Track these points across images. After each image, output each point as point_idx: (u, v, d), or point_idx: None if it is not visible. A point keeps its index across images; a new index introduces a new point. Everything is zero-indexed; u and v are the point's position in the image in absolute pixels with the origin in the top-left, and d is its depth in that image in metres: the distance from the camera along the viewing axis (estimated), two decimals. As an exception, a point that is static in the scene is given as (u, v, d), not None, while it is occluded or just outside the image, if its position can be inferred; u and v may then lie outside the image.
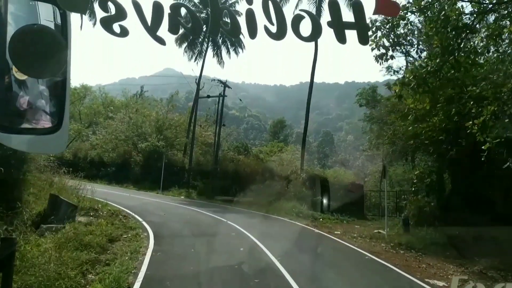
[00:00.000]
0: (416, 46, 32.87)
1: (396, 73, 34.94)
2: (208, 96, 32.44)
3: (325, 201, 26.56)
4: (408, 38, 34.19)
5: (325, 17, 2.49)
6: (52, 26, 2.25)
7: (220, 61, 37.32)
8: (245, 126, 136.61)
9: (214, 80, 31.64)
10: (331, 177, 29.27)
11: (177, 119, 40.64)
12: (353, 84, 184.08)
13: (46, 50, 1.96)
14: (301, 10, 2.45)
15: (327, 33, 2.41)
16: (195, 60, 36.90)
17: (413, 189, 20.62)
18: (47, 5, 2.30)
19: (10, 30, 2.07)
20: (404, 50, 33.96)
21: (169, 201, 25.50)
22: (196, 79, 34.04)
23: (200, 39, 36.30)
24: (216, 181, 30.62)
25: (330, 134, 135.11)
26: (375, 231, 19.05)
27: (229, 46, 37.20)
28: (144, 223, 15.98)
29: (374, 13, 2.46)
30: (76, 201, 15.27)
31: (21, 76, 2.07)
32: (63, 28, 2.25)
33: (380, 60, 28.75)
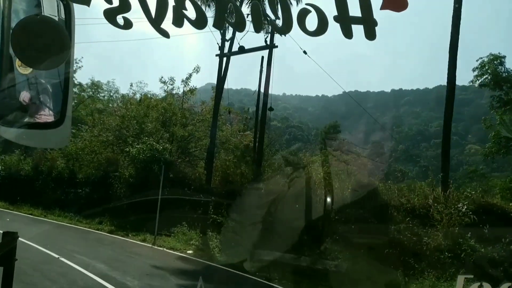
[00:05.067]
0: None
1: None
2: (242, 50, 15.76)
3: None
4: None
5: (333, 11, 2.15)
6: (56, 20, 2.07)
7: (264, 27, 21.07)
8: (287, 137, 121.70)
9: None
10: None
11: (199, 110, 24.87)
12: (400, 92, 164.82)
13: (49, 41, 1.76)
14: (307, 4, 2.17)
15: (334, 29, 2.11)
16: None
17: None
18: None
19: (12, 24, 1.88)
20: None
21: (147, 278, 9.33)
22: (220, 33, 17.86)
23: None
24: (256, 216, 14.18)
25: (380, 145, 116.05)
26: None
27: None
28: None
29: (382, 8, 2.15)
30: None
31: (24, 71, 1.91)
32: (67, 22, 2.06)
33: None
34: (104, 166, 20.53)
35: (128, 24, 2.00)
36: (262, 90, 17.16)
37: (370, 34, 2.14)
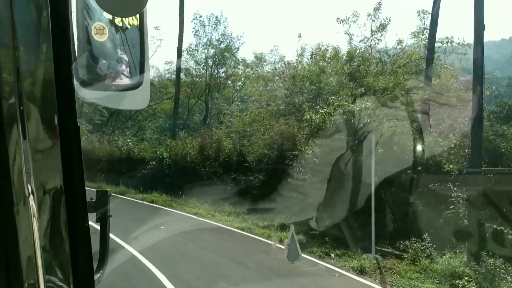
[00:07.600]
0: None
1: None
2: None
3: None
4: None
5: None
6: None
7: None
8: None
9: None
10: None
11: (397, 52, 16.80)
12: None
13: None
14: None
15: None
16: None
17: None
18: None
19: None
20: None
21: None
22: None
23: None
24: None
25: None
26: None
27: None
28: None
29: None
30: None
31: (100, 38, 1.74)
32: None
33: None
34: (278, 143, 14.66)
35: None
36: None
37: None
